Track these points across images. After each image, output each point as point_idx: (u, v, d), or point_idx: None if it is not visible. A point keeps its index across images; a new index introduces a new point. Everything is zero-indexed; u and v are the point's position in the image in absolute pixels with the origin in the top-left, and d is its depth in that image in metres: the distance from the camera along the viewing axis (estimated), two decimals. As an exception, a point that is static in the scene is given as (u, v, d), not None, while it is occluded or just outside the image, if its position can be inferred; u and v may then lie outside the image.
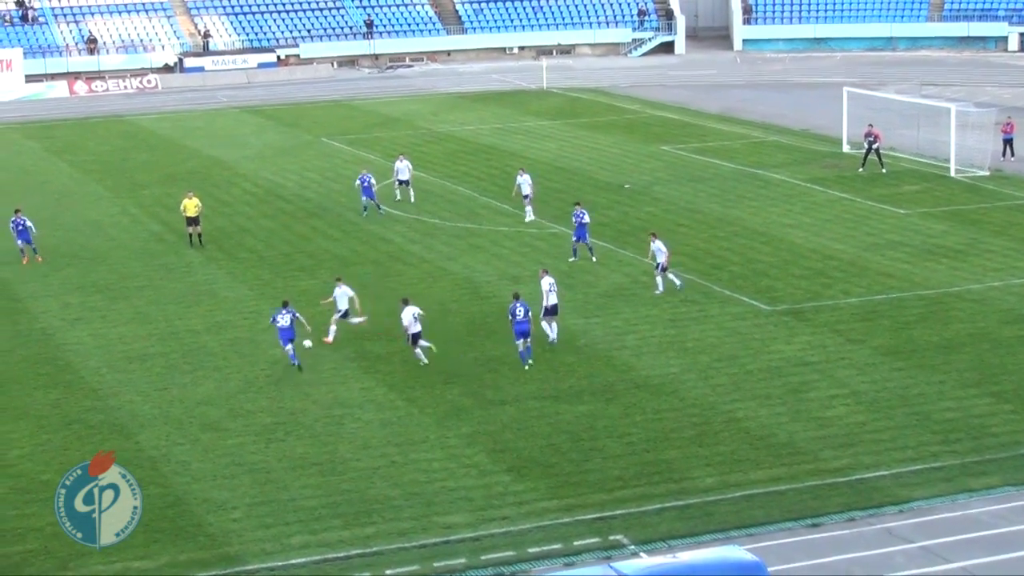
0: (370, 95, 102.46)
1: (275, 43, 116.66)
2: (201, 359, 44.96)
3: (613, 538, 31.92)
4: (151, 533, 32.94)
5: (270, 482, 35.64)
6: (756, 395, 40.64)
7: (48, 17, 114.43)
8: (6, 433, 39.42)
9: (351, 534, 32.71)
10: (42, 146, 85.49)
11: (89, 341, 47.22)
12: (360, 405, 40.77)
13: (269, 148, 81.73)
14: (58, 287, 53.80)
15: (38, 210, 66.47)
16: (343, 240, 59.93)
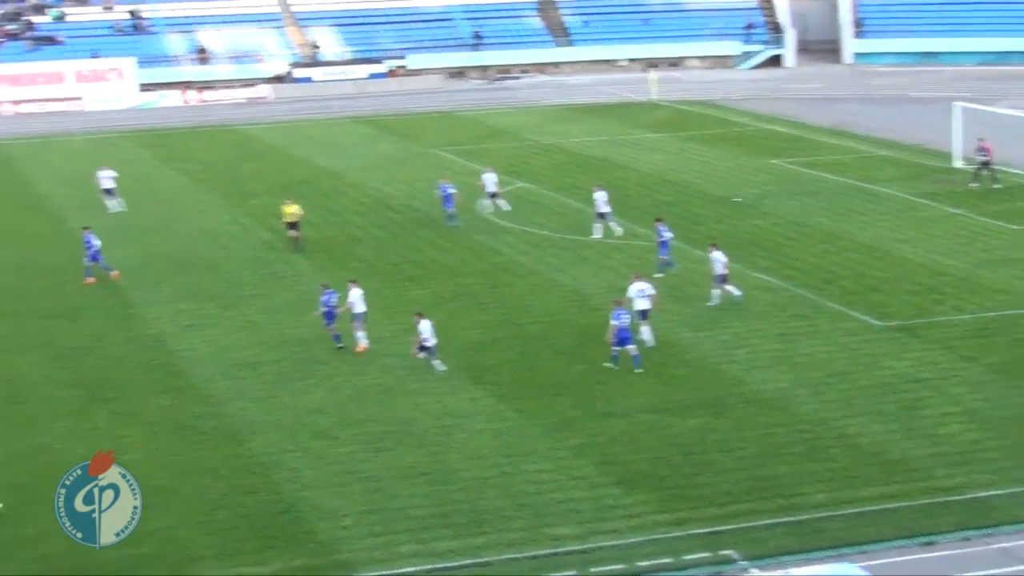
0: (478, 106, 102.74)
1: (383, 54, 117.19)
2: (312, 368, 45.25)
3: (723, 553, 31.77)
4: (264, 539, 33.30)
5: (380, 491, 35.82)
6: (868, 411, 40.29)
7: (160, 27, 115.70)
8: (120, 437, 39.83)
9: (461, 544, 32.80)
10: (154, 155, 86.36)
11: (201, 348, 47.71)
12: (470, 415, 40.88)
13: (379, 158, 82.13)
14: (171, 294, 54.36)
15: (149, 218, 67.45)
16: (452, 251, 60.10)
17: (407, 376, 44.31)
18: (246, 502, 35.41)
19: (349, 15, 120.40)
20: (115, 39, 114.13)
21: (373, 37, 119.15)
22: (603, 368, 44.30)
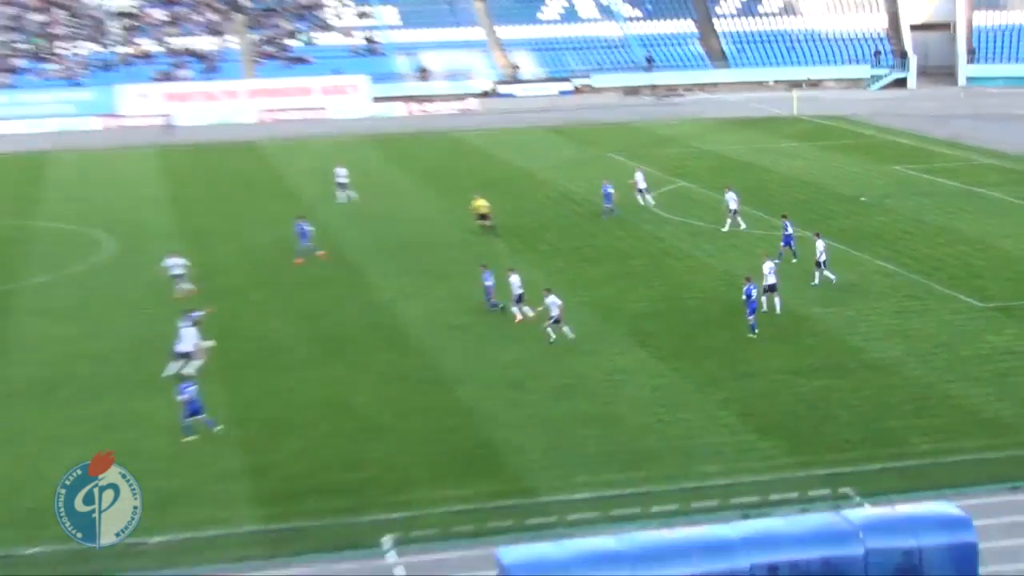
0: (648, 118, 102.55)
1: (572, 74, 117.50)
2: (506, 331, 45.77)
3: (842, 491, 31.79)
4: (465, 468, 33.87)
5: (560, 433, 36.22)
6: (968, 377, 39.87)
7: (390, 51, 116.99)
8: (353, 383, 40.82)
9: (625, 477, 33.15)
10: (382, 155, 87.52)
11: (418, 313, 48.45)
12: (634, 372, 41.18)
13: (564, 161, 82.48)
14: (394, 269, 55.26)
15: (378, 207, 68.45)
16: (623, 238, 60.29)
17: (583, 339, 44.65)
18: (451, 438, 36.07)
19: (544, 42, 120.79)
20: (353, 60, 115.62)
21: (563, 60, 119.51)
22: (745, 336, 44.37)
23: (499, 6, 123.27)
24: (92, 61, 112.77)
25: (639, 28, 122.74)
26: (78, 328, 47.68)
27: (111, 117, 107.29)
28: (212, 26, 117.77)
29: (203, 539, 30.46)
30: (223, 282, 53.83)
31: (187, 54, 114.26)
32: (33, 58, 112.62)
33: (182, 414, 36.66)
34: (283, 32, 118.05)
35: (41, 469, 34.58)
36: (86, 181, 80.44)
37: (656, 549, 25.86)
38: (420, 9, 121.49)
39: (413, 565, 28.83)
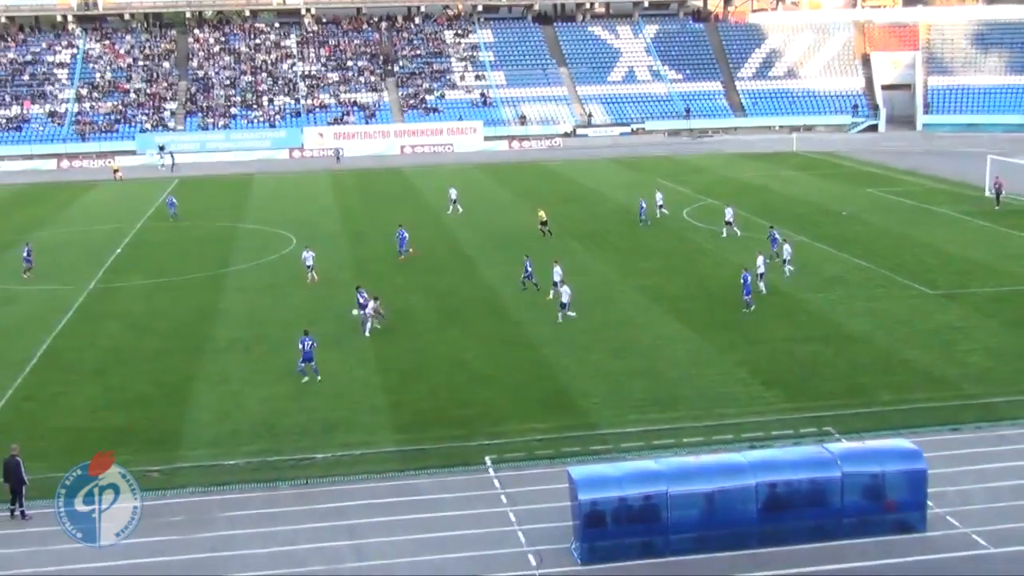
0: (686, 153, 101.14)
1: (630, 120, 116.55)
2: (578, 307, 45.03)
3: (825, 429, 31.18)
4: (545, 409, 33.58)
5: (616, 382, 35.80)
6: (921, 346, 38.81)
7: (498, 103, 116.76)
8: (465, 344, 40.58)
9: (663, 416, 32.71)
10: (492, 179, 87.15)
11: (513, 294, 47.83)
12: (673, 339, 40.49)
13: (624, 183, 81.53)
14: (499, 260, 54.88)
15: (486, 216, 68.12)
16: (666, 240, 59.32)
17: (635, 313, 44.15)
18: (536, 385, 35.77)
19: (611, 97, 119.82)
20: (471, 109, 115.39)
21: (624, 110, 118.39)
22: (757, 312, 43.52)
23: (579, 72, 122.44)
24: (285, 110, 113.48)
25: (680, 87, 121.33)
26: (268, 301, 47.91)
27: (297, 150, 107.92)
28: (371, 85, 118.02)
29: (355, 456, 30.48)
30: (375, 269, 53.84)
31: (353, 105, 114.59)
32: (244, 107, 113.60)
33: (299, 359, 36.70)
34: (423, 90, 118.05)
35: (240, 403, 34.82)
36: (278, 196, 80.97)
37: (686, 470, 25.77)
38: (521, 74, 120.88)
39: (507, 479, 28.70)
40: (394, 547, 25.34)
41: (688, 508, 24.63)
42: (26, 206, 78.81)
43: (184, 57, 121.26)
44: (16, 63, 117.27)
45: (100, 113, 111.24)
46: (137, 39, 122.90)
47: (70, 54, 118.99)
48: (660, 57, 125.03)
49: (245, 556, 25.14)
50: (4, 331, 44.10)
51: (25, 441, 30.33)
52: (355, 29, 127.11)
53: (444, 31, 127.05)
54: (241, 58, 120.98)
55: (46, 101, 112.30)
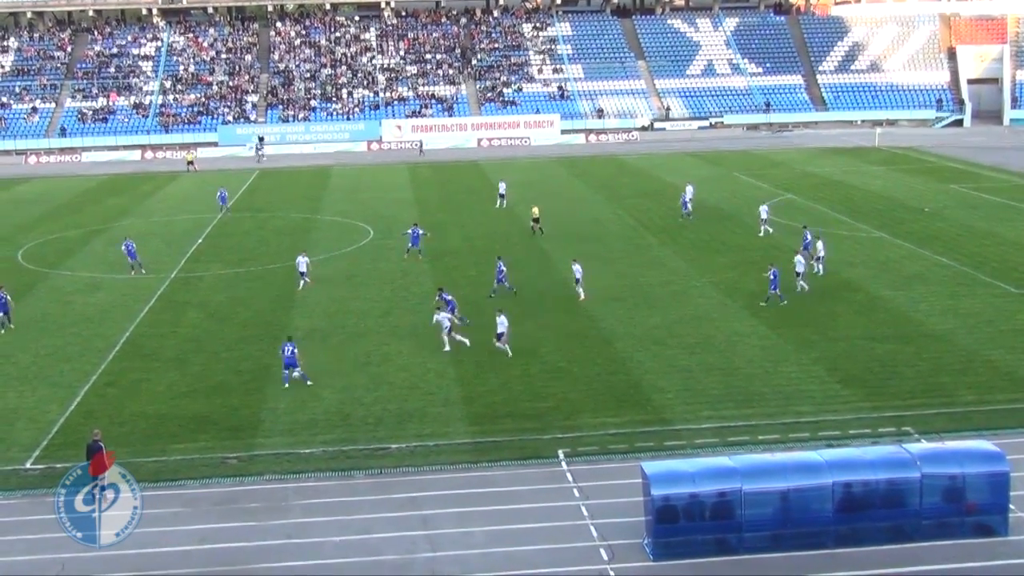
0: (765, 148, 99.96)
1: (709, 114, 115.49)
2: (653, 301, 45.09)
3: (904, 429, 30.64)
4: (619, 403, 33.46)
5: (691, 378, 35.55)
6: (1004, 346, 37.93)
7: (575, 96, 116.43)
8: (539, 337, 40.47)
9: (738, 412, 32.42)
10: (568, 172, 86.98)
11: (589, 287, 47.56)
12: (748, 335, 40.08)
13: (701, 177, 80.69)
14: (573, 254, 54.44)
15: (561, 209, 67.97)
16: (742, 235, 58.70)
17: (710, 308, 43.77)
18: (610, 379, 35.64)
19: (689, 90, 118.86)
20: (549, 102, 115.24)
21: (703, 104, 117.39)
22: (835, 309, 42.89)
23: (657, 64, 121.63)
24: (364, 102, 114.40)
25: (760, 81, 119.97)
26: (345, 292, 48.33)
27: (375, 142, 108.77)
28: (450, 78, 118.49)
29: (429, 447, 30.64)
30: (451, 262, 54.11)
31: (431, 98, 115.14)
32: (324, 100, 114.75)
33: (282, 367, 36.26)
34: (500, 83, 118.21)
35: (317, 392, 35.19)
36: (356, 187, 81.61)
37: (761, 467, 25.49)
38: (599, 67, 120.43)
39: (580, 472, 28.64)
40: (467, 538, 25.46)
41: (763, 506, 24.39)
42: (110, 196, 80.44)
43: (266, 50, 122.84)
44: (103, 56, 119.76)
45: (183, 105, 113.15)
46: (220, 32, 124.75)
47: (155, 47, 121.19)
48: (740, 50, 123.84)
49: (320, 544, 25.44)
50: (89, 318, 45.09)
51: (107, 426, 31.07)
52: (434, 22, 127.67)
53: (522, 24, 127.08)
54: (321, 51, 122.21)
55: (131, 93, 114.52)
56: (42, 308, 46.69)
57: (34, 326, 43.79)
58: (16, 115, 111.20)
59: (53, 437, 31.97)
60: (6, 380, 37.14)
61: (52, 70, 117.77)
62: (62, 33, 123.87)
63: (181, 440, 31.47)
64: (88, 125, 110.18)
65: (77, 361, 39.03)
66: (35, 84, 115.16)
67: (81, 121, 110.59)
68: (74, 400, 34.97)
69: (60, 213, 72.66)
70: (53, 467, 29.70)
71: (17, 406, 34.63)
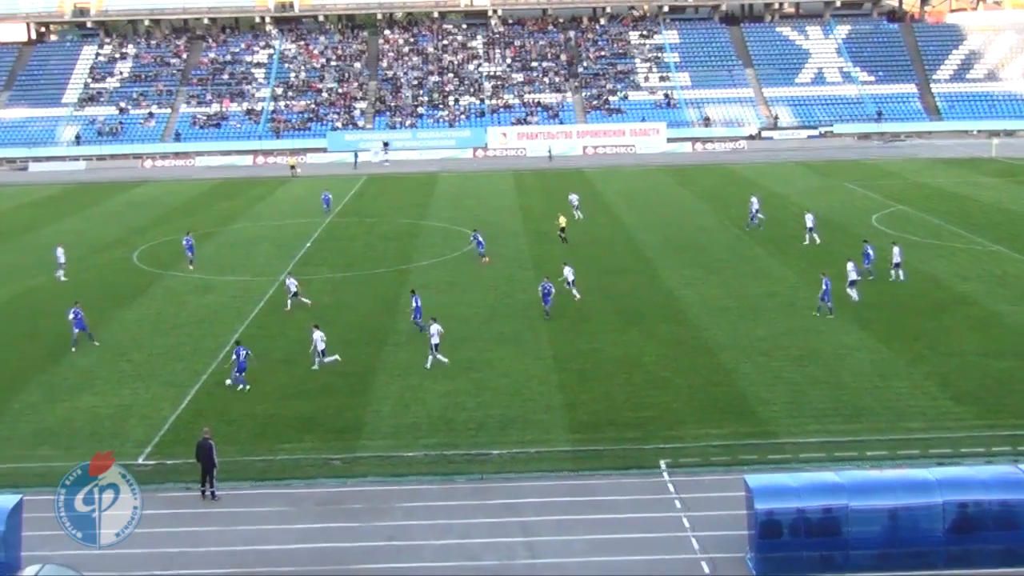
0: (876, 157, 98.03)
1: (818, 123, 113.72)
2: (759, 312, 44.48)
3: (1020, 449, 29.68)
4: (722, 414, 33.05)
5: (797, 391, 34.95)
6: None
7: (682, 104, 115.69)
8: (642, 346, 40.27)
9: (846, 427, 31.80)
10: (673, 180, 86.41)
11: (694, 297, 47.43)
12: (857, 348, 39.27)
13: (809, 188, 79.65)
14: (678, 263, 54.42)
15: (666, 218, 67.55)
16: (851, 246, 57.18)
17: (818, 320, 42.99)
18: (714, 391, 35.24)
19: (799, 99, 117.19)
20: (655, 110, 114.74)
21: (812, 112, 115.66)
22: (947, 324, 41.82)
23: (766, 72, 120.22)
24: (470, 110, 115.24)
25: (872, 89, 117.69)
26: (448, 297, 48.63)
27: (481, 149, 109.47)
28: (555, 86, 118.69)
29: (530, 454, 30.66)
30: (554, 269, 53.99)
31: (537, 105, 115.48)
32: (430, 107, 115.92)
33: (233, 369, 36.82)
34: (606, 91, 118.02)
35: (420, 396, 35.49)
36: (461, 194, 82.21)
37: (869, 484, 24.99)
38: (706, 75, 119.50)
39: (681, 484, 28.36)
40: (566, 546, 25.40)
41: (870, 524, 23.87)
42: (222, 200, 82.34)
43: (374, 57, 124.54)
44: (216, 63, 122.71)
45: (294, 112, 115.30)
46: (330, 40, 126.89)
47: (267, 54, 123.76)
48: (851, 58, 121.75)
49: (420, 547, 25.63)
50: (200, 319, 46.18)
51: (216, 425, 31.74)
52: (540, 30, 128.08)
53: (629, 32, 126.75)
54: (429, 59, 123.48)
55: (244, 99, 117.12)
56: (156, 308, 47.98)
57: (148, 326, 45.02)
58: (133, 120, 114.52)
59: (164, 434, 32.81)
60: (121, 377, 38.24)
61: (168, 76, 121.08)
62: (178, 40, 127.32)
63: (287, 440, 32.02)
64: (201, 130, 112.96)
65: (189, 360, 40.00)
66: (152, 90, 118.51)
67: (195, 126, 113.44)
68: (185, 398, 35.84)
69: (173, 216, 74.61)
70: (164, 463, 30.53)
71: (131, 403, 35.62)
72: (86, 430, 33.31)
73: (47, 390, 37.23)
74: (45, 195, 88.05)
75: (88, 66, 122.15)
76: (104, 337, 43.38)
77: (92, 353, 41.37)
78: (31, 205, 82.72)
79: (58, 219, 74.76)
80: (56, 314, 47.15)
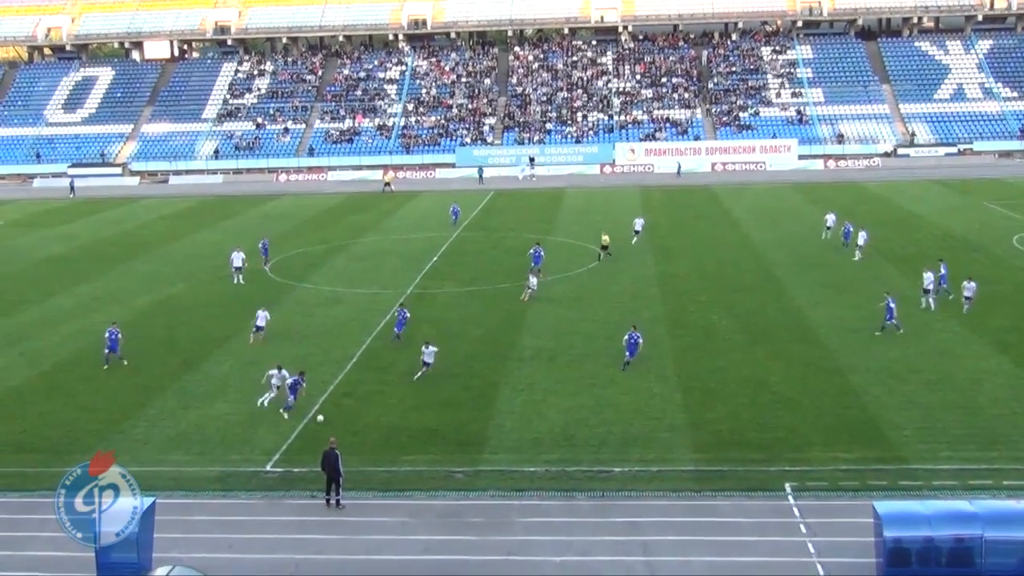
0: (1017, 176, 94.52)
1: (957, 140, 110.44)
2: (891, 334, 43.17)
3: None
4: (851, 437, 32.30)
5: (930, 415, 33.90)
6: None
7: (814, 120, 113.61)
8: (769, 366, 39.61)
9: (981, 455, 30.73)
10: (804, 198, 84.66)
11: (823, 316, 46.42)
12: (995, 373, 37.95)
13: (947, 207, 77.34)
14: (808, 282, 53.19)
15: (793, 236, 66.36)
16: (990, 266, 55.31)
17: (954, 343, 41.67)
18: (843, 413, 34.46)
19: (937, 115, 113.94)
20: (786, 127, 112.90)
21: (951, 129, 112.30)
22: (1092, 351, 40.16)
23: (903, 88, 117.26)
24: (599, 125, 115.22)
25: (1015, 106, 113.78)
26: (574, 313, 48.61)
27: (608, 165, 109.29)
28: (685, 102, 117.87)
29: (652, 472, 30.41)
30: (679, 286, 53.64)
31: (666, 121, 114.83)
32: (559, 122, 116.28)
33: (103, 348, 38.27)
34: (736, 107, 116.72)
35: (542, 411, 35.52)
36: (587, 210, 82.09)
37: (1006, 514, 24.15)
38: (841, 90, 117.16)
39: (807, 508, 27.79)
40: (687, 567, 25.07)
41: (1006, 556, 22.99)
42: (353, 213, 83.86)
43: (504, 74, 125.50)
44: (351, 79, 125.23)
45: (424, 127, 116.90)
46: (461, 56, 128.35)
47: (399, 71, 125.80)
48: (993, 73, 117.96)
49: (539, 562, 25.59)
50: (329, 330, 47.07)
51: (342, 435, 32.24)
52: (671, 46, 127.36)
53: (761, 47, 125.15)
54: (558, 75, 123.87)
55: (376, 115, 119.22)
56: (287, 319, 49.05)
57: (280, 336, 46.00)
58: (269, 135, 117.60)
59: (292, 442, 33.49)
60: (253, 386, 39.15)
61: (304, 92, 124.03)
62: (314, 57, 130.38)
63: (411, 452, 32.36)
64: (335, 145, 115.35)
65: (317, 371, 40.74)
66: (288, 106, 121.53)
67: (328, 141, 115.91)
68: (312, 408, 36.50)
69: (305, 229, 76.29)
70: (291, 471, 31.16)
71: (260, 412, 36.45)
72: (217, 437, 34.21)
73: (181, 397, 38.39)
74: (184, 207, 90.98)
75: (227, 82, 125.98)
76: (237, 347, 44.55)
77: (225, 362, 42.51)
78: (171, 217, 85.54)
79: (196, 231, 77.11)
80: (192, 323, 48.65)
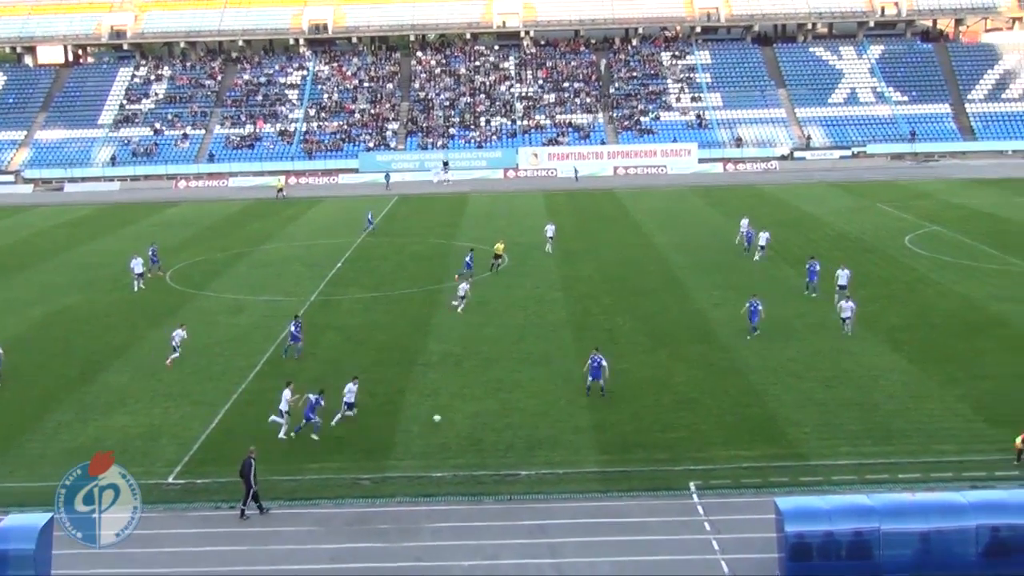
0: (910, 178, 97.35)
1: (851, 144, 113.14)
2: (790, 333, 44.16)
3: (1054, 472, 29.38)
4: (753, 435, 32.85)
5: (827, 412, 34.69)
6: None
7: (714, 124, 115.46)
8: (671, 367, 40.10)
9: (877, 449, 31.50)
10: (704, 201, 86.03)
11: (723, 318, 47.17)
12: (889, 370, 38.96)
13: (842, 208, 79.15)
14: (708, 284, 54.21)
15: (698, 239, 67.36)
16: (885, 267, 57.18)
17: (849, 342, 42.68)
18: (743, 412, 35.05)
19: (831, 119, 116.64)
20: (687, 131, 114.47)
21: (845, 133, 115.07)
22: (981, 346, 41.37)
23: (798, 93, 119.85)
24: (502, 130, 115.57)
25: (905, 109, 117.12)
26: (479, 318, 48.64)
27: (512, 170, 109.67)
28: (587, 106, 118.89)
29: (559, 475, 30.56)
30: (583, 289, 54.06)
31: (568, 126, 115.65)
32: (462, 127, 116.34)
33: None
34: (637, 111, 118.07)
35: (449, 417, 35.45)
36: (491, 214, 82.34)
37: (901, 507, 24.75)
38: (738, 95, 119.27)
39: (711, 506, 28.19)
40: (595, 568, 25.26)
41: (902, 547, 23.61)
42: (255, 220, 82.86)
43: (407, 79, 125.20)
44: (251, 84, 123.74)
45: (326, 132, 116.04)
46: (363, 61, 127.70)
47: (300, 76, 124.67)
48: (885, 78, 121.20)
49: (448, 567, 25.57)
50: (232, 339, 46.42)
51: (246, 444, 31.75)
52: (572, 51, 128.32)
53: (661, 53, 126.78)
54: (461, 80, 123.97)
55: (277, 120, 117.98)
56: (188, 328, 48.12)
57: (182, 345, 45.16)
58: (168, 141, 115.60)
59: (194, 453, 32.95)
60: (153, 397, 38.45)
61: (203, 98, 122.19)
62: (213, 62, 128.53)
63: (317, 460, 32.07)
64: (235, 151, 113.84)
65: (219, 380, 40.18)
66: (186, 111, 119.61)
67: (229, 147, 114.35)
68: (215, 418, 35.99)
69: (206, 236, 75.17)
70: (193, 482, 30.64)
71: (162, 422, 35.80)
72: (116, 449, 33.35)
73: (79, 409, 37.50)
74: (80, 215, 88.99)
75: (124, 88, 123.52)
76: (136, 356, 43.72)
77: (125, 373, 41.67)
78: (67, 225, 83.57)
79: (93, 239, 75.48)
80: (90, 333, 47.61)
